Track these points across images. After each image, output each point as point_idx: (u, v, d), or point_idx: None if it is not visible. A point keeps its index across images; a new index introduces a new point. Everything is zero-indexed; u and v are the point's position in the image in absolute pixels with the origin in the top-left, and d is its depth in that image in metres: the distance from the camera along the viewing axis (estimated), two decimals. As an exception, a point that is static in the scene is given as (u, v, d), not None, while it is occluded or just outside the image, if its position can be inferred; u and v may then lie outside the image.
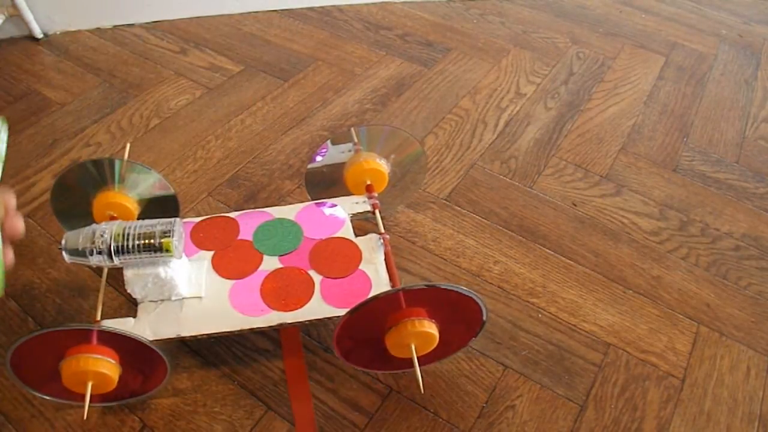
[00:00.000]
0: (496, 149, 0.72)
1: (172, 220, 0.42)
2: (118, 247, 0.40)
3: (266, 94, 0.78)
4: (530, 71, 0.86)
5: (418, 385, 0.42)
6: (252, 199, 0.63)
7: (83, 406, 0.40)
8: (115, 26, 0.88)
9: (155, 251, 0.41)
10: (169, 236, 0.41)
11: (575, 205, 0.66)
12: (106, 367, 0.40)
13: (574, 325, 0.54)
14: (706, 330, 0.55)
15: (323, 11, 0.95)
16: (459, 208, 0.64)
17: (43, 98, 0.74)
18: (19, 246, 0.56)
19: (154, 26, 0.88)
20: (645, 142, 0.76)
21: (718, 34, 1.00)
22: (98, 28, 0.87)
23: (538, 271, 0.58)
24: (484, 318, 0.44)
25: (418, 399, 0.48)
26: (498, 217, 0.63)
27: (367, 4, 0.97)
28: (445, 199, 0.65)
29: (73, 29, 0.86)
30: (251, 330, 0.44)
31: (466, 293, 0.41)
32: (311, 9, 0.95)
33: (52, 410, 0.45)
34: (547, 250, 0.60)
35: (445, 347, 0.46)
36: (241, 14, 0.92)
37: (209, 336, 0.44)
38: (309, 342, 0.51)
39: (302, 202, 0.54)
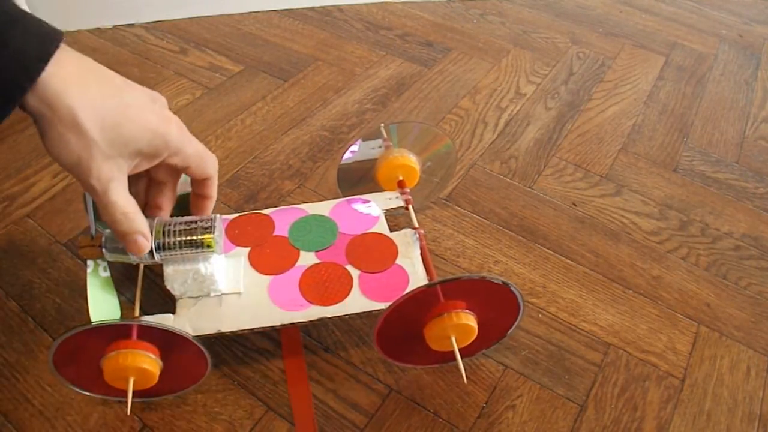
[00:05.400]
0: (496, 149, 0.72)
1: (213, 216, 0.42)
2: (159, 243, 0.40)
3: (266, 94, 0.78)
4: (530, 71, 0.86)
5: (461, 376, 0.43)
6: (252, 199, 0.63)
7: (124, 402, 0.40)
8: (115, 26, 0.88)
9: (197, 247, 0.41)
10: (211, 232, 0.41)
11: (575, 205, 0.66)
12: (147, 362, 0.40)
13: (574, 325, 0.54)
14: (706, 330, 0.55)
15: (323, 11, 0.95)
16: (459, 208, 0.64)
17: (43, 98, 0.74)
18: (20, 246, 0.56)
19: (154, 26, 0.88)
20: (645, 142, 0.76)
21: (718, 34, 1.00)
22: (98, 28, 0.87)
23: (538, 271, 0.58)
24: (521, 308, 0.44)
25: (418, 399, 0.48)
26: (498, 217, 0.63)
27: (367, 4, 0.98)
28: (445, 199, 0.65)
29: (73, 29, 0.86)
30: (292, 325, 0.45)
31: (503, 283, 0.42)
32: (311, 9, 0.95)
33: (53, 410, 0.45)
34: (547, 250, 0.60)
35: (484, 339, 0.46)
36: (241, 14, 0.92)
37: (250, 331, 0.44)
38: (309, 342, 0.51)
39: (303, 202, 0.54)
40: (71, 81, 0.32)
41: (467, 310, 0.43)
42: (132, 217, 0.37)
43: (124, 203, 0.36)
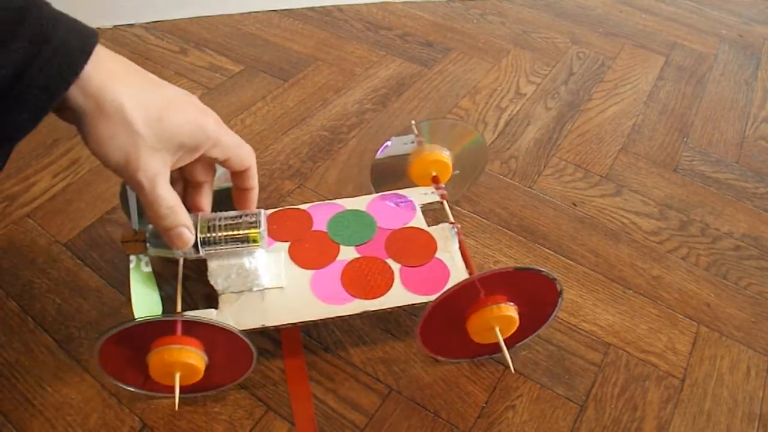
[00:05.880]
0: (496, 149, 0.72)
1: (257, 211, 0.43)
2: (205, 238, 0.41)
3: (266, 94, 0.78)
4: (530, 71, 0.86)
5: (508, 366, 0.44)
6: (252, 199, 0.63)
7: (171, 397, 0.41)
8: (115, 26, 0.88)
9: (242, 242, 0.42)
10: (257, 227, 0.42)
11: (575, 205, 0.66)
12: (194, 357, 0.40)
13: (574, 325, 0.54)
14: (706, 330, 0.55)
15: (323, 11, 0.95)
16: (459, 208, 0.64)
17: (43, 98, 0.74)
18: (20, 246, 0.56)
19: (154, 26, 0.88)
20: (645, 142, 0.76)
21: (718, 34, 1.00)
22: (98, 28, 0.87)
23: (538, 271, 0.58)
24: (560, 296, 0.45)
25: (418, 399, 0.48)
26: (498, 217, 0.63)
27: (367, 4, 0.97)
28: (445, 199, 0.65)
29: (73, 29, 0.86)
30: (335, 318, 0.45)
31: (545, 274, 0.42)
32: (311, 9, 0.95)
33: (53, 410, 0.45)
34: (547, 250, 0.60)
35: (525, 329, 0.47)
36: (241, 14, 0.92)
37: (293, 326, 0.45)
38: (309, 342, 0.51)
39: (303, 202, 0.54)
40: (114, 75, 0.32)
41: (510, 302, 0.44)
42: (177, 210, 0.37)
43: (169, 197, 0.36)
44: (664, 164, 0.73)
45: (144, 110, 0.33)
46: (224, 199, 0.45)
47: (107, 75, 0.31)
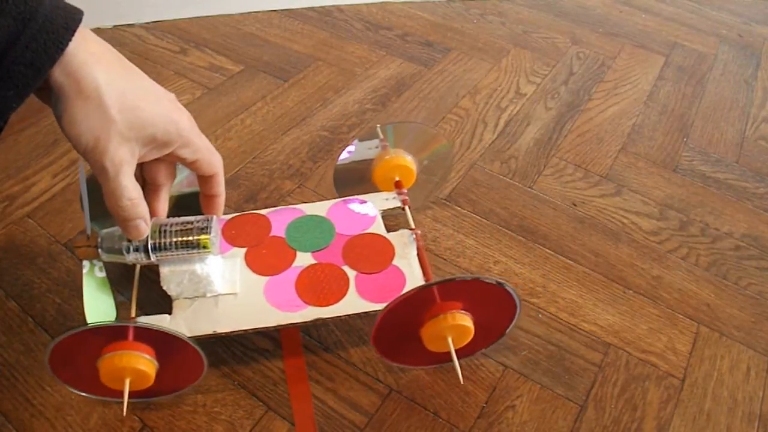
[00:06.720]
0: (496, 149, 0.72)
1: (209, 216, 0.42)
2: (155, 244, 0.41)
3: (266, 94, 0.78)
4: (530, 71, 0.86)
5: (458, 377, 0.43)
6: (252, 200, 0.63)
7: (121, 402, 0.41)
8: (115, 26, 0.88)
9: (193, 248, 0.41)
10: (207, 233, 0.41)
11: (575, 205, 0.66)
12: (143, 363, 0.40)
13: (574, 325, 0.54)
14: (706, 330, 0.55)
15: (323, 11, 0.95)
16: (459, 208, 0.64)
17: (43, 98, 0.74)
18: (20, 246, 0.56)
19: (154, 26, 0.88)
20: (645, 142, 0.76)
21: (718, 34, 1.00)
22: (98, 28, 0.87)
23: (538, 271, 0.58)
24: (518, 307, 0.45)
25: (418, 399, 0.48)
26: (498, 217, 0.63)
27: (367, 4, 0.98)
28: (445, 199, 0.65)
29: (73, 29, 0.86)
30: (289, 325, 0.45)
31: (497, 283, 0.42)
32: (311, 9, 0.95)
33: (53, 410, 0.45)
34: (547, 250, 0.60)
35: (482, 339, 0.47)
36: (241, 14, 0.92)
37: (246, 332, 0.44)
38: (309, 342, 0.51)
39: (303, 202, 0.54)
40: (95, 56, 0.32)
41: (463, 311, 0.43)
42: (137, 203, 0.37)
43: (132, 188, 0.36)
44: (664, 164, 0.73)
45: (120, 96, 0.33)
46: (184, 204, 0.45)
47: (89, 55, 0.32)
